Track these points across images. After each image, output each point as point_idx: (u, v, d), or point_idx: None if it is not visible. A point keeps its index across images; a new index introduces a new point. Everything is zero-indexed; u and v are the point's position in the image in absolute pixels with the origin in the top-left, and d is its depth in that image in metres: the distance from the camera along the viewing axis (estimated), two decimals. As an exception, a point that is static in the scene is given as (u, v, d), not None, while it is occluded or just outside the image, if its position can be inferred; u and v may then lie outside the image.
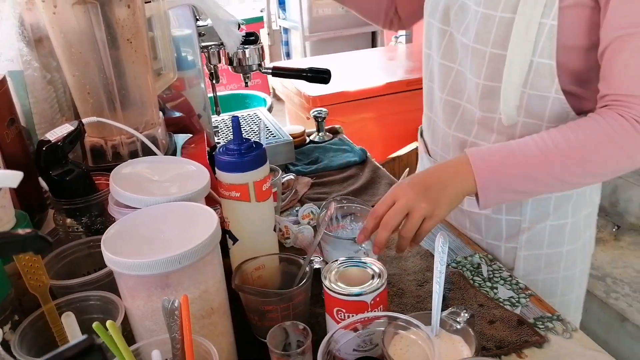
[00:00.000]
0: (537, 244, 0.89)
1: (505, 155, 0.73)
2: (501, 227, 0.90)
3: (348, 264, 0.67)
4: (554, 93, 0.76)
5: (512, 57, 0.74)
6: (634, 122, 0.68)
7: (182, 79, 1.20)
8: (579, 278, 0.94)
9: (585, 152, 0.71)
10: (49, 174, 0.68)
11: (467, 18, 0.80)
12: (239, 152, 0.72)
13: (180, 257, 0.53)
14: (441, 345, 0.59)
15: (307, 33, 4.23)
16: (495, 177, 0.73)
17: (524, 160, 0.72)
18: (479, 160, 0.73)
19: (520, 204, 0.87)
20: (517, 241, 0.90)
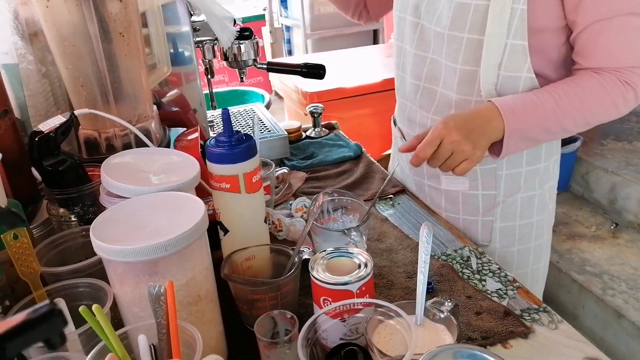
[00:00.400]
0: (511, 215, 0.97)
1: (528, 107, 0.80)
2: (477, 202, 0.97)
3: (335, 255, 0.68)
4: (525, 72, 0.83)
5: (489, 40, 0.81)
6: (624, 82, 0.80)
7: (178, 74, 1.21)
8: (545, 247, 1.04)
9: (588, 105, 0.81)
10: (42, 165, 0.69)
11: (438, 9, 0.86)
12: (229, 144, 0.73)
13: (166, 244, 0.54)
14: (425, 333, 0.60)
15: (309, 31, 4.24)
16: (520, 127, 0.80)
17: (544, 112, 0.80)
18: (507, 110, 0.80)
19: (495, 179, 0.94)
20: (493, 214, 0.97)
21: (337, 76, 2.10)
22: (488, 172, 0.94)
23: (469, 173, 0.84)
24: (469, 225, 0.99)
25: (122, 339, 0.52)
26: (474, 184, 0.96)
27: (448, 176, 0.95)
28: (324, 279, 0.63)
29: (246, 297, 0.70)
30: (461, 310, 0.74)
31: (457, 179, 0.96)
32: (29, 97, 0.83)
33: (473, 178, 0.95)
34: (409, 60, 0.96)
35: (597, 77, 0.80)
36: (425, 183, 1.04)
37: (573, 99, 0.80)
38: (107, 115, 0.76)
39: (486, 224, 0.98)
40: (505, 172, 0.94)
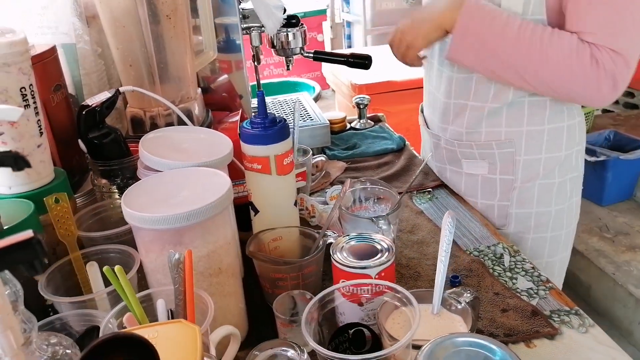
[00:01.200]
0: (527, 201, 0.96)
1: (491, 15, 0.80)
2: (495, 186, 0.98)
3: (359, 239, 0.68)
4: None
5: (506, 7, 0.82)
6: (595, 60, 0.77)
7: (229, 62, 1.24)
8: (564, 241, 1.01)
9: (552, 56, 0.78)
10: (87, 137, 0.73)
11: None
12: (262, 126, 0.74)
13: (188, 214, 0.56)
14: (440, 322, 0.59)
15: (369, 27, 4.22)
16: (472, 32, 0.82)
17: (502, 32, 0.80)
18: (471, 9, 0.81)
19: (513, 164, 0.94)
20: (509, 198, 0.97)
21: (388, 70, 2.08)
22: (506, 156, 0.94)
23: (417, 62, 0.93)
24: (486, 209, 1.00)
25: (144, 302, 0.55)
26: (493, 168, 0.97)
27: (468, 160, 0.98)
28: (343, 262, 0.64)
29: (269, 275, 0.71)
30: (487, 306, 0.72)
31: (476, 163, 0.98)
32: (84, 75, 0.89)
33: (492, 162, 0.96)
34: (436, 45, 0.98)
35: (572, 40, 0.77)
36: (447, 168, 1.05)
37: (534, 38, 0.78)
38: (150, 94, 0.80)
39: (502, 208, 0.98)
40: (524, 157, 0.93)
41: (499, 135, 0.93)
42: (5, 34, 0.59)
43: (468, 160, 0.99)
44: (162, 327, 0.43)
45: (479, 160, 0.97)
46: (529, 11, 0.81)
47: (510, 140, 0.93)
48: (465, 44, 0.83)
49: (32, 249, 0.21)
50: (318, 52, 1.21)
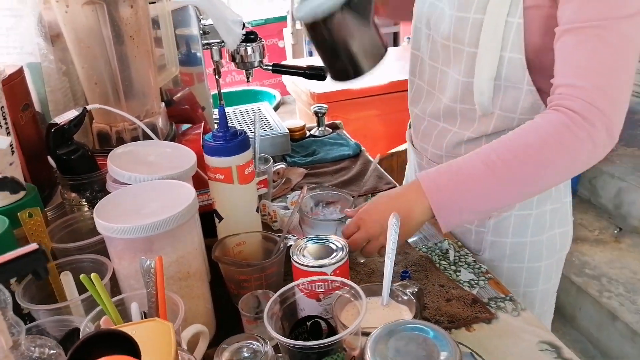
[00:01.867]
0: (503, 231, 0.93)
1: (453, 176, 0.75)
2: None
3: (315, 241, 0.75)
4: (526, 85, 0.80)
5: (482, 53, 0.80)
6: (570, 114, 0.70)
7: (191, 74, 1.29)
8: (545, 272, 0.97)
9: (529, 159, 0.72)
10: (56, 153, 0.77)
11: (444, 22, 0.86)
12: (223, 139, 0.80)
13: (158, 224, 0.62)
14: (388, 312, 0.66)
15: (328, 33, 4.30)
16: (449, 200, 0.75)
17: (471, 178, 0.74)
18: (429, 183, 0.75)
19: None
20: (486, 226, 0.94)
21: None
22: None
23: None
24: (464, 233, 0.98)
25: (118, 306, 0.60)
26: None
27: None
28: (302, 262, 0.70)
29: (234, 277, 0.77)
30: (433, 297, 0.80)
31: None
32: (49, 92, 0.92)
33: None
34: (425, 70, 0.96)
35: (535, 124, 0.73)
36: None
37: (504, 156, 0.72)
38: (116, 111, 0.84)
39: (479, 234, 0.96)
40: None
41: None
42: (-23, 59, 0.63)
43: None
44: (138, 325, 0.48)
45: None
46: (508, 48, 0.78)
47: None
48: (453, 216, 0.76)
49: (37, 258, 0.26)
50: (276, 65, 1.27)
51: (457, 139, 0.91)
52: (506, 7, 0.77)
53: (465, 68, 0.85)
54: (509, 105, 0.84)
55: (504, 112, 0.85)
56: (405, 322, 0.56)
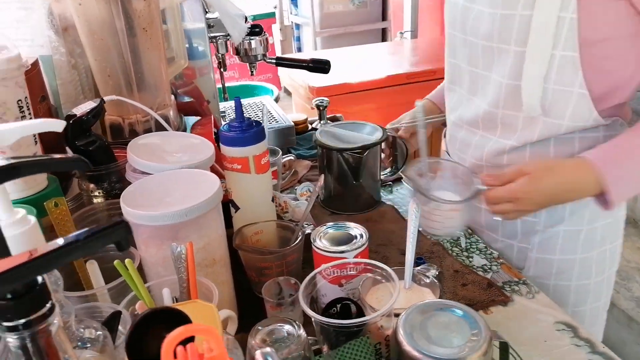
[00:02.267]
0: (550, 247, 0.88)
1: (626, 151, 0.76)
2: (516, 226, 0.91)
3: (334, 228, 0.76)
4: (577, 88, 0.75)
5: (531, 52, 0.75)
6: None
7: (193, 68, 1.29)
8: (595, 290, 0.91)
9: None
10: (75, 144, 0.77)
11: (483, 23, 0.80)
12: (240, 129, 0.81)
13: (187, 210, 0.62)
14: (412, 295, 0.68)
15: (318, 29, 4.33)
16: (626, 173, 0.75)
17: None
18: (602, 160, 0.74)
19: None
20: (530, 242, 0.90)
21: (344, 72, 2.18)
22: None
23: None
24: (505, 249, 0.93)
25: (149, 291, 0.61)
26: None
27: None
28: (324, 247, 0.72)
29: (255, 265, 0.78)
30: (449, 282, 0.82)
31: None
32: (61, 85, 0.92)
33: None
34: (464, 76, 0.91)
35: None
36: None
37: None
38: (132, 102, 0.84)
39: (522, 250, 0.91)
40: None
41: None
42: (1, 50, 0.63)
43: None
44: (181, 306, 0.49)
45: None
46: (560, 45, 0.72)
47: None
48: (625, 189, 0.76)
49: (120, 231, 0.27)
50: (280, 58, 1.28)
51: (498, 147, 0.86)
52: (558, 1, 0.70)
53: (511, 69, 0.78)
54: (557, 110, 0.78)
55: (551, 118, 0.79)
56: (435, 302, 0.57)
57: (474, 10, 0.82)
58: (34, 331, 0.31)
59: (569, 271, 0.89)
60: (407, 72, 2.15)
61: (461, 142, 0.96)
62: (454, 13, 0.88)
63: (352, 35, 4.37)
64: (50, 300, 0.33)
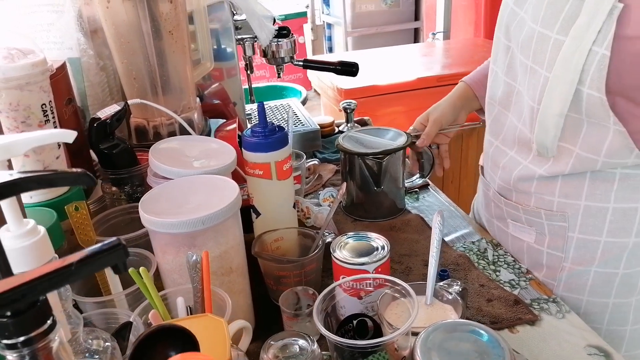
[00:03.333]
0: (578, 288, 0.81)
1: None
2: (542, 259, 0.85)
3: (355, 238, 0.74)
4: (612, 125, 0.67)
5: (554, 83, 0.68)
6: None
7: (221, 69, 1.29)
8: (630, 337, 0.82)
9: None
10: (98, 147, 0.78)
11: (522, 34, 0.74)
12: (263, 134, 0.80)
13: (204, 219, 0.61)
14: (433, 312, 0.65)
15: (350, 29, 4.30)
16: None
17: None
18: None
19: (564, 240, 0.80)
20: (556, 278, 0.83)
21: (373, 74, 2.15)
22: (556, 230, 0.80)
23: None
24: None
25: (162, 300, 0.60)
26: (541, 239, 0.83)
27: (515, 223, 0.86)
28: (344, 259, 0.70)
29: (273, 273, 0.77)
30: (473, 297, 0.79)
31: (523, 228, 0.85)
32: (88, 87, 0.93)
33: (540, 232, 0.82)
34: (499, 86, 0.85)
35: None
36: (494, 222, 0.94)
37: None
38: (155, 105, 0.84)
39: (548, 286, 0.83)
40: (578, 235, 0.78)
41: (550, 205, 0.79)
42: (27, 54, 0.63)
43: (515, 223, 0.86)
44: (190, 320, 0.48)
45: (526, 226, 0.84)
46: (586, 83, 0.64)
47: (562, 214, 0.78)
48: None
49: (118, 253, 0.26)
50: (307, 61, 1.27)
51: (528, 173, 0.80)
52: (594, 33, 0.62)
53: (540, 95, 0.71)
54: (592, 144, 0.70)
55: (585, 152, 0.71)
56: (457, 322, 0.55)
57: (517, 16, 0.76)
58: (34, 349, 0.31)
59: (600, 315, 0.81)
60: (438, 75, 2.11)
61: (492, 160, 0.90)
62: (502, 13, 0.82)
63: (383, 36, 4.33)
64: (52, 317, 0.32)
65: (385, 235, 0.97)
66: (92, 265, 0.26)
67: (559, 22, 0.66)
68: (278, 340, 0.58)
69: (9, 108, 0.62)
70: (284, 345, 0.57)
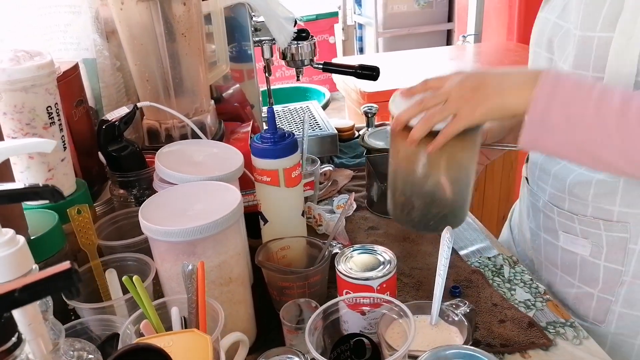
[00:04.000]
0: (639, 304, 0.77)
1: (576, 86, 0.62)
2: (598, 273, 0.79)
3: (362, 251, 0.72)
4: None
5: (610, 79, 0.66)
6: None
7: (241, 70, 1.28)
8: None
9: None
10: (107, 149, 0.77)
11: (569, 45, 0.73)
12: (271, 141, 0.78)
13: (202, 228, 0.60)
14: (437, 333, 0.62)
15: (381, 29, 4.25)
16: (554, 105, 0.61)
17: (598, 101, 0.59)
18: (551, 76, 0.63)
19: (624, 252, 0.75)
20: (614, 293, 0.78)
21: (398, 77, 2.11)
22: (616, 242, 0.76)
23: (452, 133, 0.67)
24: (582, 298, 0.82)
25: (159, 309, 0.59)
26: (597, 251, 0.78)
27: (567, 234, 0.81)
28: (347, 273, 0.67)
29: (276, 284, 0.75)
30: (484, 316, 0.75)
31: (577, 240, 0.81)
32: (103, 88, 0.93)
33: (597, 243, 0.78)
34: None
35: None
36: (540, 235, 0.88)
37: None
38: (165, 108, 0.84)
39: (604, 301, 0.79)
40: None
41: (609, 215, 0.75)
42: (34, 57, 0.63)
43: (567, 234, 0.81)
44: (176, 336, 0.46)
45: (581, 238, 0.79)
46: None
47: (624, 224, 0.74)
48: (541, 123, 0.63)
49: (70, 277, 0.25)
50: (327, 64, 1.24)
51: (584, 179, 0.76)
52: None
53: None
54: None
55: None
56: (457, 347, 0.52)
57: (562, 29, 0.75)
58: (-5, 368, 0.30)
59: None
60: (465, 79, 2.05)
61: (540, 169, 0.85)
62: (543, 28, 0.80)
63: (415, 37, 4.26)
64: (17, 333, 0.31)
65: (398, 247, 0.95)
66: (38, 292, 0.25)
67: (601, 20, 0.67)
68: (270, 358, 0.56)
69: (14, 110, 0.62)
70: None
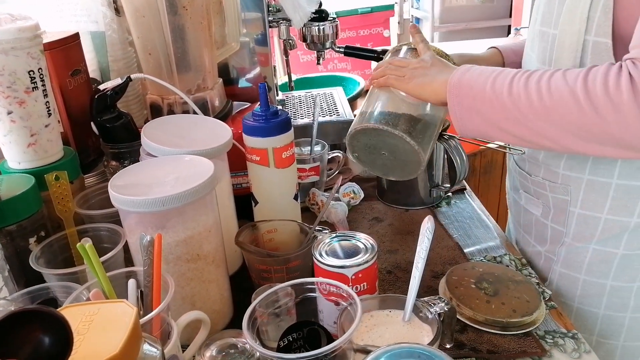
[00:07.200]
0: (575, 265, 0.79)
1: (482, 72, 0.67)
2: (547, 233, 0.83)
3: (342, 238, 0.67)
4: None
5: (562, 36, 0.69)
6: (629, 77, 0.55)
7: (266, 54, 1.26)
8: (630, 326, 0.79)
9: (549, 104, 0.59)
10: (98, 120, 0.77)
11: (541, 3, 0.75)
12: (263, 118, 0.75)
13: (166, 199, 0.58)
14: (407, 330, 0.57)
15: (437, 23, 4.12)
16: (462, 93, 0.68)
17: (493, 79, 0.65)
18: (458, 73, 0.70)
19: (565, 215, 0.78)
20: (555, 253, 0.81)
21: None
22: (559, 204, 0.79)
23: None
24: (535, 256, 0.87)
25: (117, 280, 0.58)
26: (546, 212, 0.82)
27: (526, 194, 0.86)
28: (322, 261, 0.63)
29: (254, 266, 0.72)
30: (477, 319, 0.69)
31: (532, 200, 0.85)
32: (112, 62, 0.94)
33: (545, 204, 0.82)
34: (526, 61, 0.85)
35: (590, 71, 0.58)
36: (511, 194, 0.94)
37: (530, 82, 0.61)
38: (160, 81, 0.83)
39: (548, 260, 0.83)
40: (579, 211, 0.77)
41: (555, 177, 0.78)
42: (17, 20, 0.63)
43: (526, 194, 0.86)
44: (105, 304, 0.44)
45: (534, 199, 0.84)
46: (592, 31, 0.65)
47: (565, 186, 0.77)
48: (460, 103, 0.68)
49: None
50: (349, 47, 1.20)
51: None
52: None
53: (550, 54, 0.73)
54: None
55: None
56: (411, 346, 0.46)
57: None
58: None
59: (598, 298, 0.79)
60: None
61: None
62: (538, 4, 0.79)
63: (473, 32, 4.09)
64: None
65: (400, 240, 0.90)
66: None
67: None
68: (222, 339, 0.53)
69: (-6, 72, 0.62)
70: (226, 346, 0.52)
